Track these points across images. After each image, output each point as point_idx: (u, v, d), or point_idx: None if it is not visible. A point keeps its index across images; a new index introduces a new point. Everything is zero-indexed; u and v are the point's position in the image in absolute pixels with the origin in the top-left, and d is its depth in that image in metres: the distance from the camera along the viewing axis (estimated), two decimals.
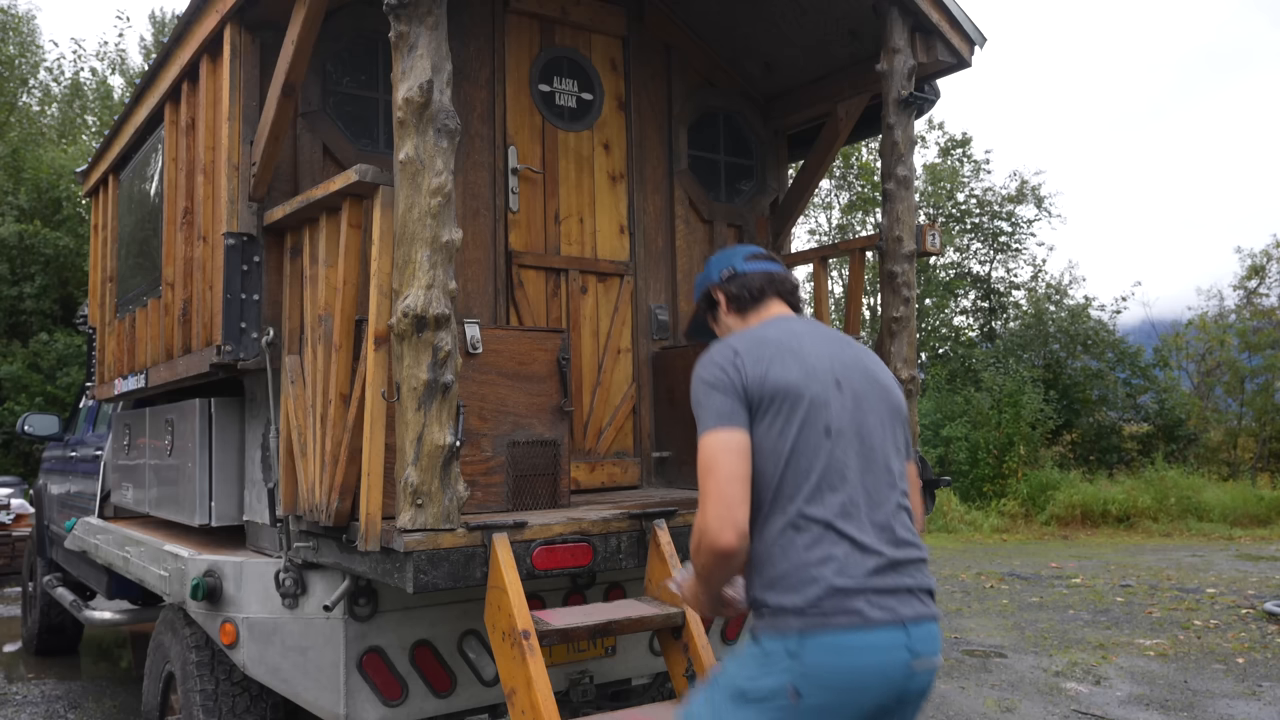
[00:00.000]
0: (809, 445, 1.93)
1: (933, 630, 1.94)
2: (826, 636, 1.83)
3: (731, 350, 2.01)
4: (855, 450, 1.96)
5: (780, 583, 1.88)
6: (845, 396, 2.00)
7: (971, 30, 3.51)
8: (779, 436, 1.94)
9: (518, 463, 2.84)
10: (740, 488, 1.88)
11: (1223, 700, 5.08)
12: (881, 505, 1.95)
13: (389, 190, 2.41)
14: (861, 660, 1.84)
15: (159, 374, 3.55)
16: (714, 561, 1.87)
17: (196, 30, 3.17)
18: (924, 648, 1.91)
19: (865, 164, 19.60)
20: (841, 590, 1.84)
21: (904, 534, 1.96)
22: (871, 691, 1.85)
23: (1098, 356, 17.90)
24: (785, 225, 4.29)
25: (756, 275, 2.22)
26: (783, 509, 1.92)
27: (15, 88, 17.75)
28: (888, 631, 1.86)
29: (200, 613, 2.94)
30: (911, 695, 1.92)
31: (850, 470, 1.94)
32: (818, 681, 1.83)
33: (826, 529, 1.88)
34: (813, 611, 1.84)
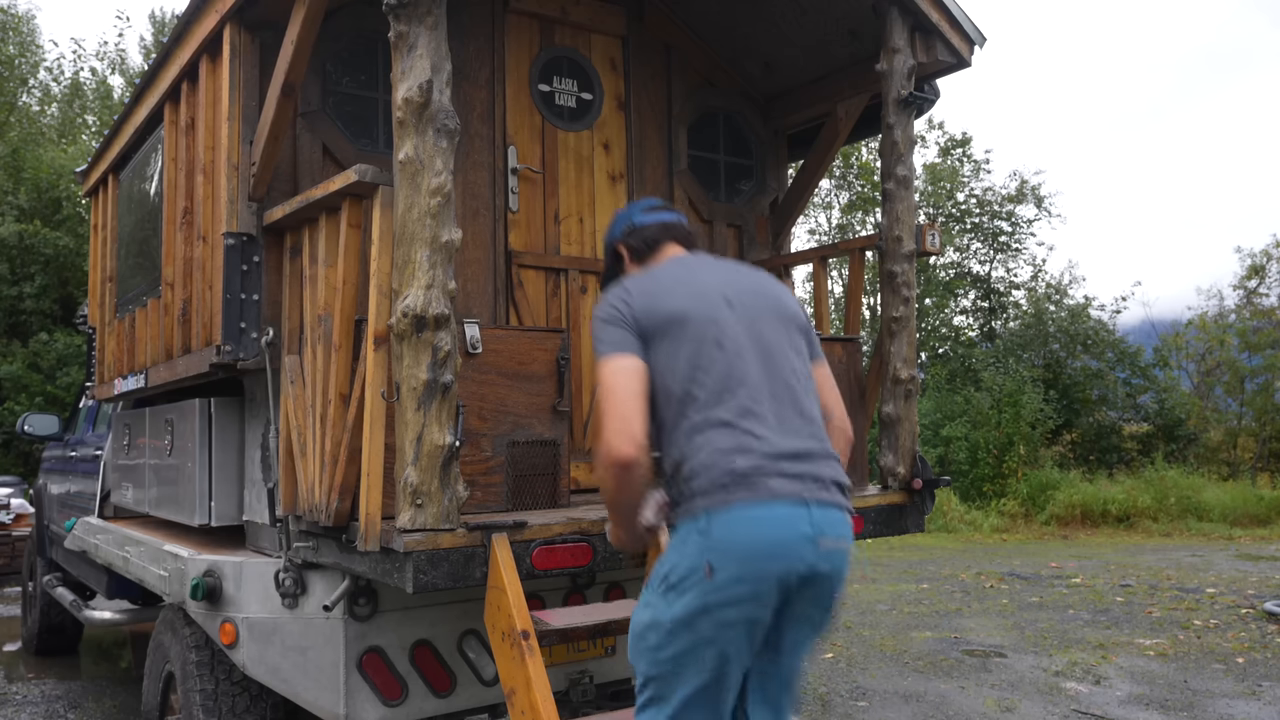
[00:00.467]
0: (704, 358, 2.09)
1: (838, 516, 2.07)
2: (730, 511, 1.97)
3: (624, 289, 2.19)
4: (752, 357, 2.12)
5: (690, 477, 2.03)
6: (737, 312, 2.16)
7: (971, 30, 3.51)
8: (673, 356, 2.10)
9: (517, 463, 2.84)
10: (635, 404, 2.03)
11: (1223, 700, 5.08)
12: (782, 405, 2.09)
13: (388, 190, 2.41)
14: (763, 531, 1.97)
15: (159, 374, 3.55)
16: (616, 474, 2.00)
17: (196, 30, 3.17)
18: (829, 529, 2.03)
19: (865, 164, 19.60)
20: (743, 472, 1.99)
21: (806, 430, 2.10)
22: (777, 560, 1.97)
23: (1098, 356, 17.90)
24: (785, 225, 4.29)
25: (652, 226, 2.39)
26: (687, 418, 2.06)
27: (15, 87, 17.75)
28: (788, 506, 1.99)
29: (200, 612, 2.95)
30: (820, 576, 2.04)
31: (748, 375, 2.09)
32: (726, 553, 1.96)
33: (728, 427, 2.03)
34: (717, 492, 1.98)
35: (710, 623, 1.98)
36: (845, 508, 2.11)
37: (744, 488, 1.98)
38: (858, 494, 3.34)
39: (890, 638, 6.68)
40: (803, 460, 2.05)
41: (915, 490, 3.36)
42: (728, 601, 1.97)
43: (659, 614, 2.03)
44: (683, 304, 2.15)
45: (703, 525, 1.99)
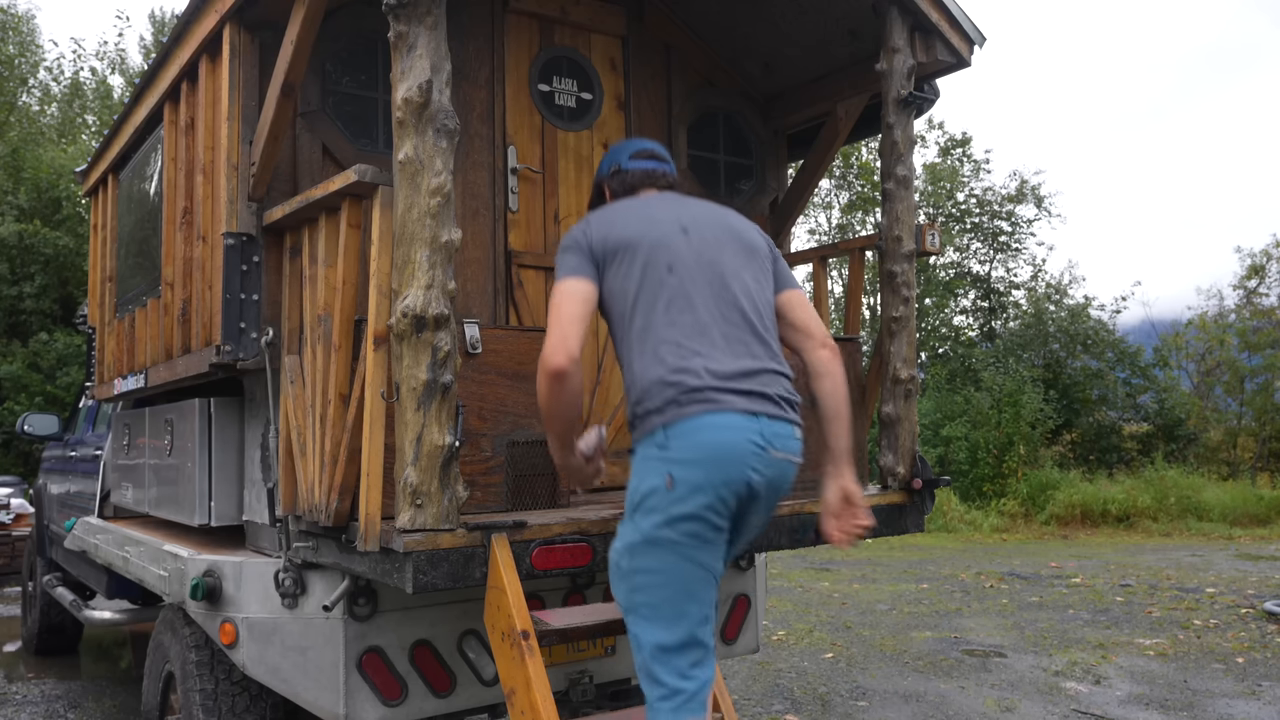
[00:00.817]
0: (654, 281, 2.21)
1: (789, 430, 2.19)
2: (684, 422, 2.09)
3: (585, 221, 2.34)
4: (704, 282, 2.22)
5: (645, 396, 2.14)
6: (692, 239, 2.27)
7: (971, 30, 3.51)
8: (625, 279, 2.23)
9: (517, 462, 2.83)
10: (577, 325, 2.18)
11: (1222, 700, 5.08)
12: (734, 327, 2.20)
13: (388, 190, 2.41)
14: (716, 436, 2.08)
15: (158, 374, 3.55)
16: (550, 383, 2.14)
17: (196, 30, 3.17)
18: (778, 442, 2.15)
19: (865, 163, 19.60)
20: (695, 388, 2.11)
21: (759, 351, 2.21)
22: (732, 466, 2.08)
23: (1097, 356, 17.90)
24: (785, 225, 4.29)
25: (636, 173, 2.50)
26: (639, 339, 2.19)
27: (15, 87, 17.75)
28: (738, 416, 2.10)
29: (200, 612, 2.94)
30: (770, 485, 2.16)
31: (698, 299, 2.20)
32: (683, 460, 2.08)
33: (678, 348, 2.15)
34: (670, 408, 2.10)
35: (678, 534, 2.09)
36: (795, 422, 2.22)
37: (696, 402, 2.10)
38: None
39: (890, 638, 6.68)
40: (751, 378, 2.15)
41: (915, 490, 3.36)
42: (690, 513, 2.08)
43: (629, 538, 2.15)
44: (636, 231, 2.27)
45: (660, 440, 2.11)
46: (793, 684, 5.49)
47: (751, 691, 5.34)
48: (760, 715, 4.90)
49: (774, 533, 3.01)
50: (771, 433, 2.15)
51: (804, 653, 6.26)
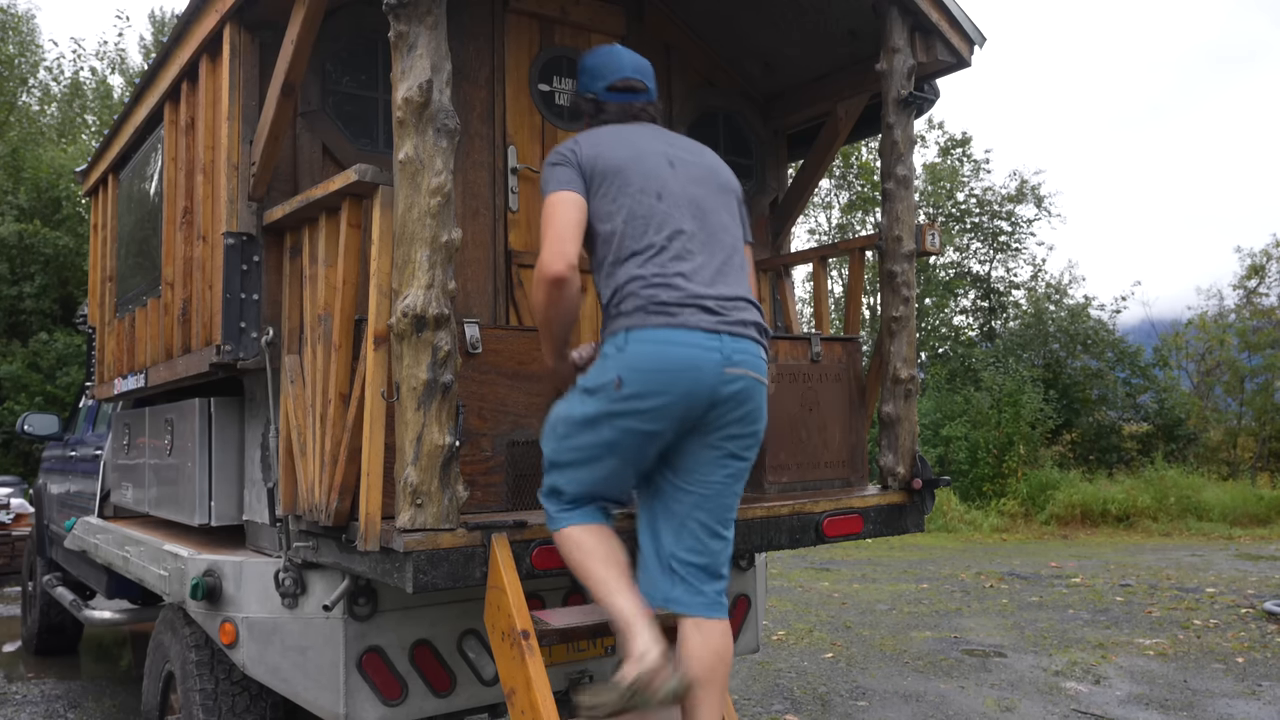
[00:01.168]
0: (642, 207, 2.32)
1: (752, 349, 2.29)
2: (645, 331, 2.21)
3: (574, 141, 2.43)
4: (688, 214, 2.34)
5: (621, 300, 2.27)
6: (678, 173, 2.39)
7: (971, 30, 3.51)
8: (614, 202, 2.32)
9: (517, 462, 2.83)
10: (572, 231, 2.28)
11: (1222, 700, 5.08)
12: (712, 257, 2.32)
13: (388, 190, 2.41)
14: (673, 351, 2.19)
15: (158, 374, 3.55)
16: (549, 289, 2.26)
17: (196, 30, 3.17)
18: (740, 360, 2.25)
19: (865, 163, 19.60)
20: (664, 302, 2.22)
21: (733, 282, 2.32)
22: (683, 377, 2.19)
23: (1097, 356, 17.90)
24: (785, 225, 4.29)
25: (613, 109, 2.56)
26: (622, 258, 2.29)
27: (15, 87, 17.75)
28: (702, 334, 2.21)
29: (200, 612, 2.94)
30: (727, 401, 2.24)
31: (682, 227, 2.31)
32: (635, 366, 2.20)
33: (658, 268, 2.26)
34: (637, 314, 2.23)
35: (610, 428, 2.25)
36: (760, 343, 2.33)
37: (662, 315, 2.21)
38: (857, 493, 3.34)
39: (890, 637, 6.68)
40: (723, 302, 2.27)
41: (915, 490, 3.36)
42: (628, 412, 2.22)
43: (571, 410, 2.33)
44: (627, 157, 2.37)
45: (620, 342, 2.24)
46: (793, 684, 5.50)
47: (751, 691, 5.34)
48: (760, 715, 4.90)
49: (774, 533, 3.01)
50: (732, 348, 2.24)
51: (804, 653, 6.26)
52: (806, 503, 3.10)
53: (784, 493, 3.32)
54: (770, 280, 4.21)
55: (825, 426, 3.49)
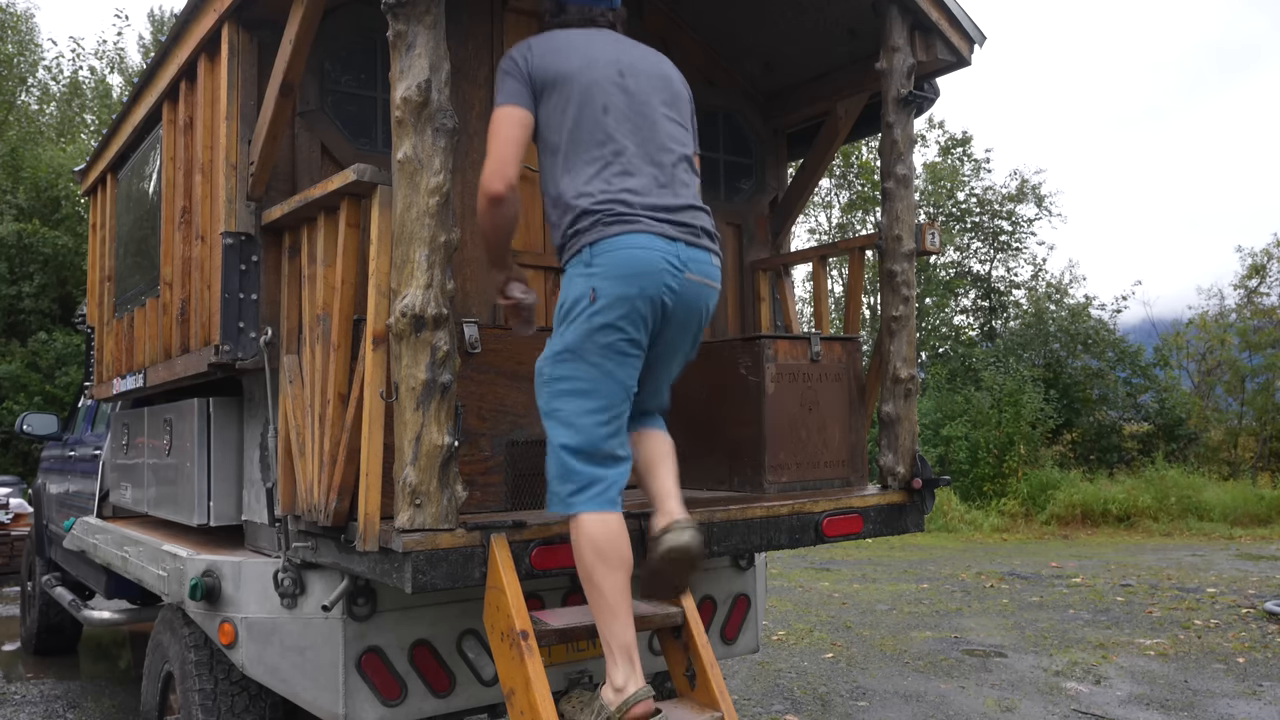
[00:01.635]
0: (589, 119, 2.37)
1: (704, 256, 2.40)
2: (607, 241, 2.29)
3: (527, 45, 2.46)
4: (634, 125, 2.40)
5: (575, 221, 2.33)
6: (627, 83, 2.43)
7: (971, 29, 3.50)
8: (561, 112, 2.38)
9: (516, 462, 2.83)
10: (514, 149, 2.34)
11: (1223, 700, 5.07)
12: (660, 169, 2.39)
13: (387, 190, 2.40)
14: (635, 255, 2.28)
15: (157, 374, 3.55)
16: (489, 206, 2.34)
17: (194, 29, 3.16)
18: (695, 267, 2.37)
19: (865, 163, 19.60)
20: (619, 214, 2.30)
21: (682, 191, 2.41)
22: (647, 279, 2.29)
23: (1098, 356, 17.90)
24: (785, 224, 4.29)
25: (573, 11, 2.57)
26: (572, 171, 2.36)
27: (14, 86, 17.75)
28: (657, 239, 2.31)
29: (199, 612, 2.94)
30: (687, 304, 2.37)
31: (629, 140, 2.38)
32: (605, 274, 2.28)
33: (608, 182, 2.33)
34: (596, 229, 2.30)
35: (594, 346, 2.30)
36: (713, 250, 2.45)
37: (619, 223, 2.30)
38: (857, 493, 3.33)
39: (890, 637, 6.67)
40: (674, 211, 2.37)
41: (915, 490, 3.35)
42: (609, 323, 2.29)
43: (554, 348, 2.37)
44: (576, 66, 2.40)
45: (586, 259, 2.31)
46: (793, 684, 5.49)
47: (751, 691, 5.34)
48: (760, 715, 4.90)
49: (774, 532, 3.01)
50: (688, 256, 2.36)
51: (804, 653, 6.25)
52: (806, 502, 3.10)
53: (784, 492, 3.32)
54: (770, 279, 4.20)
55: (825, 426, 3.48)
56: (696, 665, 2.49)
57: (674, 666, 2.58)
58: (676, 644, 2.56)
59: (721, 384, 3.48)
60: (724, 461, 3.49)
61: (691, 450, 3.60)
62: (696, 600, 3.00)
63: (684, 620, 2.53)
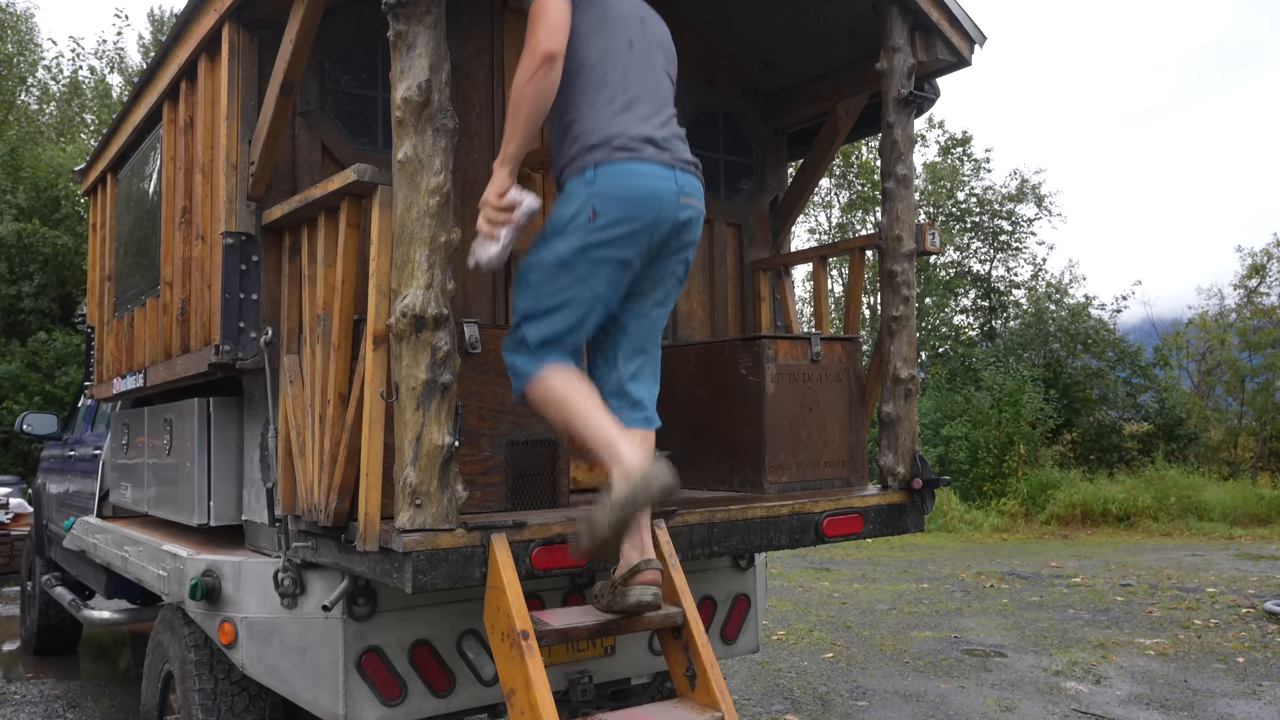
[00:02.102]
0: (618, 48, 2.53)
1: (697, 185, 2.57)
2: (612, 165, 2.41)
3: None
4: (644, 66, 2.57)
5: (583, 139, 2.46)
6: (646, 29, 2.62)
7: (971, 29, 3.50)
8: (592, 32, 2.50)
9: (517, 462, 2.83)
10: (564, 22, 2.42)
11: (1223, 700, 5.07)
12: (660, 108, 2.57)
13: (387, 190, 2.40)
14: (638, 181, 2.42)
15: (157, 373, 3.55)
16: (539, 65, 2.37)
17: (194, 29, 3.16)
18: (689, 190, 2.52)
19: (865, 163, 19.59)
20: (624, 144, 2.44)
21: (674, 128, 2.58)
22: (650, 206, 2.43)
23: (1098, 356, 17.89)
24: (785, 224, 4.29)
25: None
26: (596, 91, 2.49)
27: (14, 86, 17.74)
28: (658, 166, 2.46)
29: (199, 612, 2.94)
30: (683, 228, 2.52)
31: (645, 78, 2.56)
32: (608, 198, 2.40)
33: (625, 109, 2.48)
34: (603, 150, 2.42)
35: (586, 261, 2.41)
36: (699, 176, 2.60)
37: (624, 150, 2.43)
38: (857, 493, 3.33)
39: (890, 637, 6.67)
40: (670, 140, 2.53)
41: (915, 490, 3.36)
42: (605, 241, 2.40)
43: (543, 255, 2.46)
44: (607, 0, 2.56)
45: (589, 178, 2.42)
46: (793, 684, 5.49)
47: (751, 691, 5.34)
48: (760, 715, 4.90)
49: (774, 532, 3.01)
50: (685, 182, 2.51)
51: (804, 653, 6.25)
52: (806, 503, 3.10)
53: (784, 493, 3.32)
54: (770, 279, 4.20)
55: (825, 426, 3.48)
56: (697, 665, 2.49)
57: (674, 666, 2.58)
58: (677, 644, 2.56)
59: (722, 384, 3.48)
60: (724, 461, 3.49)
61: (691, 450, 3.60)
62: (696, 600, 3.00)
63: (684, 620, 2.53)
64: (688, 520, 2.80)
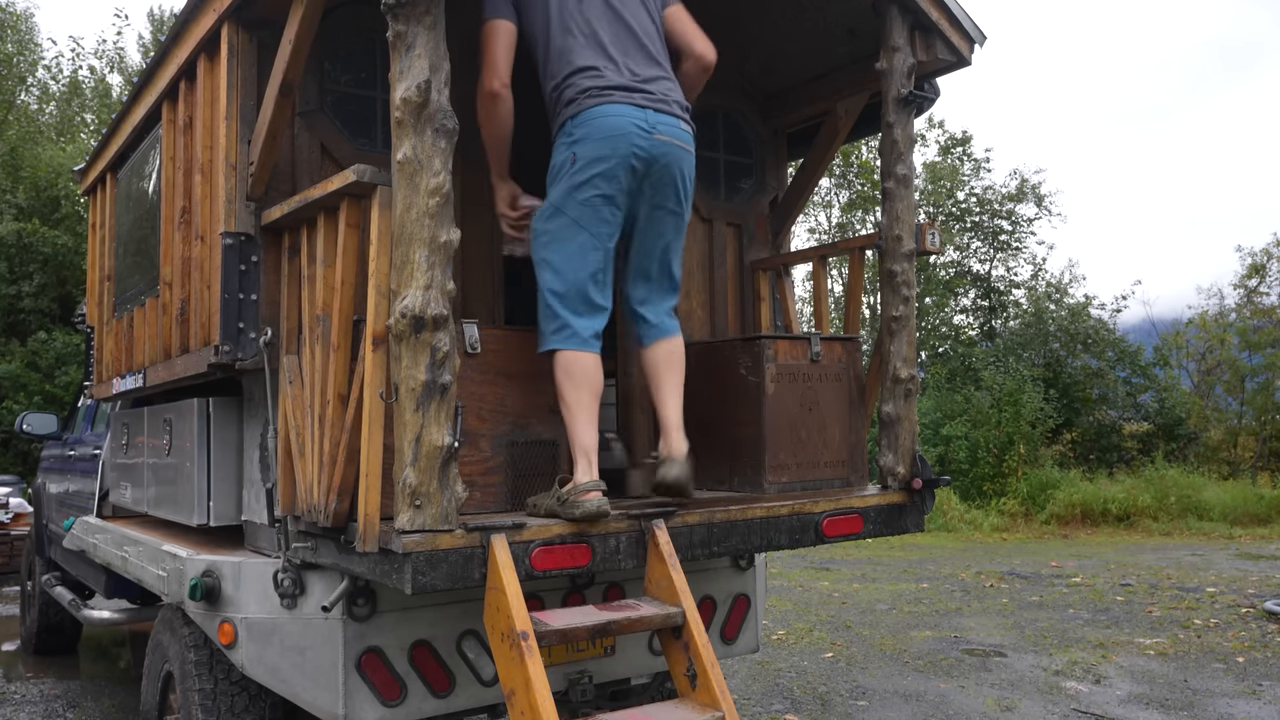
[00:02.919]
0: (567, 12, 2.79)
1: (673, 120, 2.79)
2: (584, 113, 2.72)
3: None
4: (604, 15, 2.81)
5: (560, 99, 2.78)
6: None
7: (971, 28, 3.50)
8: (543, 8, 2.81)
9: (517, 463, 2.83)
10: (504, 56, 2.80)
11: (1223, 699, 5.07)
12: (629, 53, 2.79)
13: (387, 190, 2.40)
14: (608, 122, 2.70)
15: (157, 373, 3.54)
16: (485, 104, 2.81)
17: (194, 29, 3.16)
18: (665, 129, 2.75)
19: (865, 162, 19.59)
20: (597, 89, 2.73)
21: (650, 69, 2.80)
22: (620, 142, 2.69)
23: (1098, 355, 17.89)
24: (785, 224, 4.28)
25: None
26: (557, 58, 2.79)
27: (13, 86, 17.74)
28: (629, 108, 2.72)
29: (199, 612, 2.94)
30: (659, 162, 2.75)
31: (603, 30, 2.79)
32: (583, 141, 2.71)
33: (586, 64, 2.75)
34: (578, 103, 2.73)
35: (574, 202, 2.72)
36: (680, 116, 2.82)
37: (596, 98, 2.71)
38: (857, 493, 3.33)
39: (890, 637, 6.67)
40: (645, 82, 2.76)
41: (915, 490, 3.35)
42: (583, 181, 2.70)
43: (544, 207, 2.80)
44: None
45: (568, 129, 2.73)
46: (793, 683, 5.49)
47: (751, 691, 5.34)
48: (760, 715, 4.90)
49: (774, 533, 3.01)
50: (656, 119, 2.74)
51: (804, 652, 6.25)
52: (806, 503, 3.10)
53: (784, 493, 3.31)
54: (770, 279, 4.20)
55: (825, 426, 3.48)
56: (697, 665, 2.49)
57: (675, 666, 2.58)
58: (677, 644, 2.56)
59: (721, 384, 3.48)
60: (724, 461, 3.49)
61: (692, 450, 3.60)
62: (696, 600, 3.00)
63: (684, 620, 2.53)
64: (688, 520, 2.80)
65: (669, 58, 2.94)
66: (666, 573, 2.59)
